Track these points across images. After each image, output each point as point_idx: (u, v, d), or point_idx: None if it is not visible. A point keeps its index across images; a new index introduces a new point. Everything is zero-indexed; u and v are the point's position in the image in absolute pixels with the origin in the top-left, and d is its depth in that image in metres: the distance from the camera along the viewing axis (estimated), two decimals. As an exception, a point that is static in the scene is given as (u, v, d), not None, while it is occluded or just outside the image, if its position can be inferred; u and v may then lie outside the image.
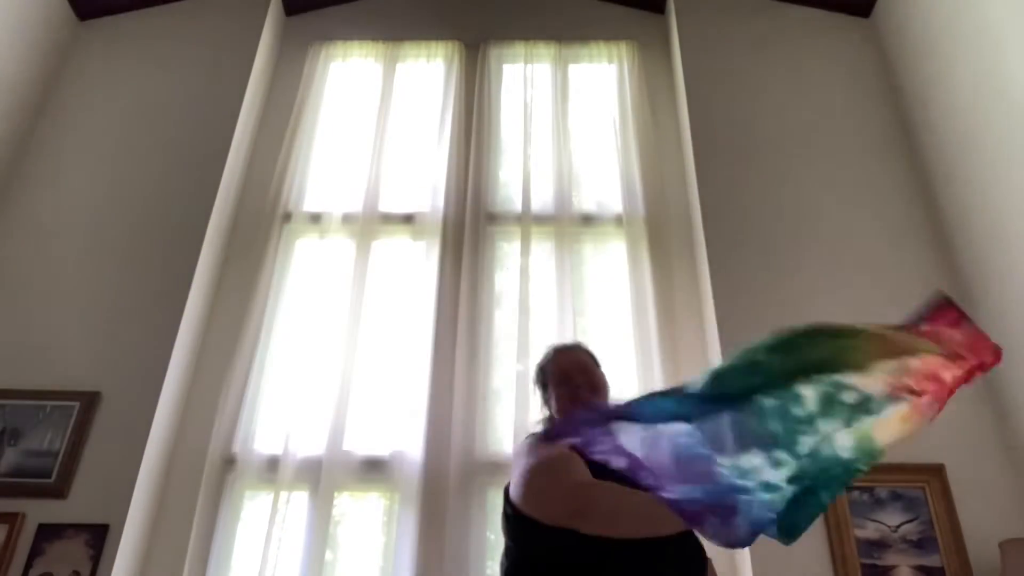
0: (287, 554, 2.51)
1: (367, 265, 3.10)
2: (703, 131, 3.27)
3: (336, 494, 2.66)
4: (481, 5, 3.89)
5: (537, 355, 1.83)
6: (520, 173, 3.33)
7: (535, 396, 1.82)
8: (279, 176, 3.31)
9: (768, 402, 1.06)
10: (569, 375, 1.74)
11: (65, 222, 3.06)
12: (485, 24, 3.80)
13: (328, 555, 2.55)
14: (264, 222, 3.19)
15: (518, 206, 3.24)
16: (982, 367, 1.25)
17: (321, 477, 2.63)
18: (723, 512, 1.01)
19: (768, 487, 1.02)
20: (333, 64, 3.73)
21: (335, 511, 2.66)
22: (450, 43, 3.71)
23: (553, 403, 1.75)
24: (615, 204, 3.26)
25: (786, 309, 2.81)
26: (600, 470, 1.16)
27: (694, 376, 1.11)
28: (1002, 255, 2.65)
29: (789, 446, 1.04)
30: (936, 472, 2.49)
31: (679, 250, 3.14)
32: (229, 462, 2.72)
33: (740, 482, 1.02)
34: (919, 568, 2.36)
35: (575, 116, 3.54)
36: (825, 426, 1.06)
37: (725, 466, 1.03)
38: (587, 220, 3.24)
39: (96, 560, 2.36)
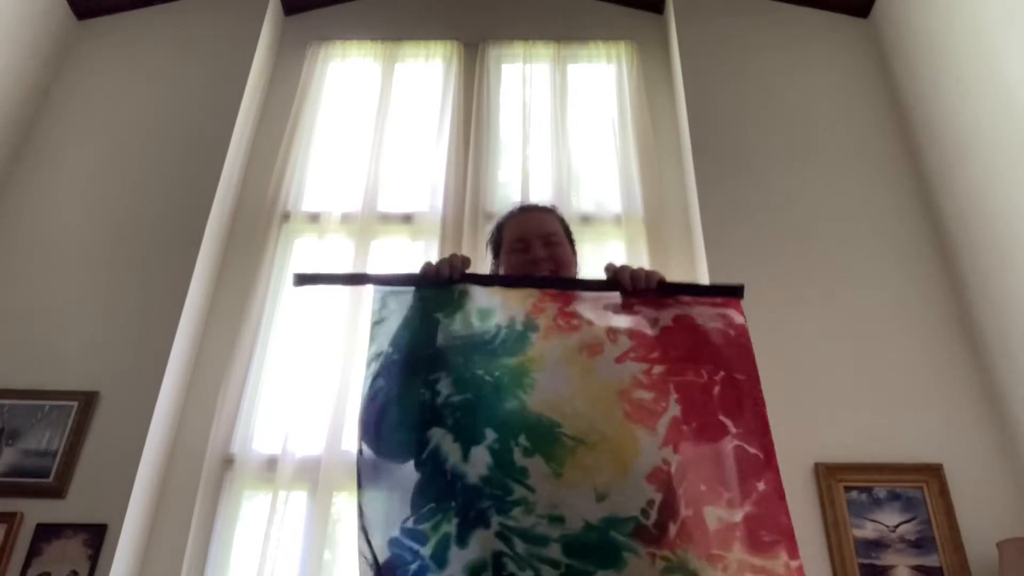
0: (286, 554, 2.51)
1: (366, 265, 3.09)
2: (702, 131, 3.27)
3: (335, 494, 2.65)
4: (480, 5, 3.89)
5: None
6: (519, 173, 3.33)
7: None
8: (278, 175, 3.31)
9: None
10: (528, 243, 1.47)
11: (63, 222, 3.05)
12: (484, 24, 3.80)
13: (327, 555, 2.55)
14: (263, 221, 3.19)
15: (517, 206, 3.24)
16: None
17: (320, 477, 2.63)
18: None
19: None
20: (332, 64, 3.72)
21: (334, 511, 2.66)
22: (449, 43, 3.71)
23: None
24: (614, 204, 3.26)
25: (784, 309, 2.82)
26: None
27: None
28: (1001, 254, 2.65)
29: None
30: (934, 472, 2.49)
31: (678, 250, 3.14)
32: (227, 462, 2.72)
33: None
34: (917, 568, 2.36)
35: (574, 116, 3.53)
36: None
37: None
38: (586, 220, 3.24)
39: (94, 560, 2.36)
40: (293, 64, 3.68)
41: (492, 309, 1.29)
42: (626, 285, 1.30)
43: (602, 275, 1.34)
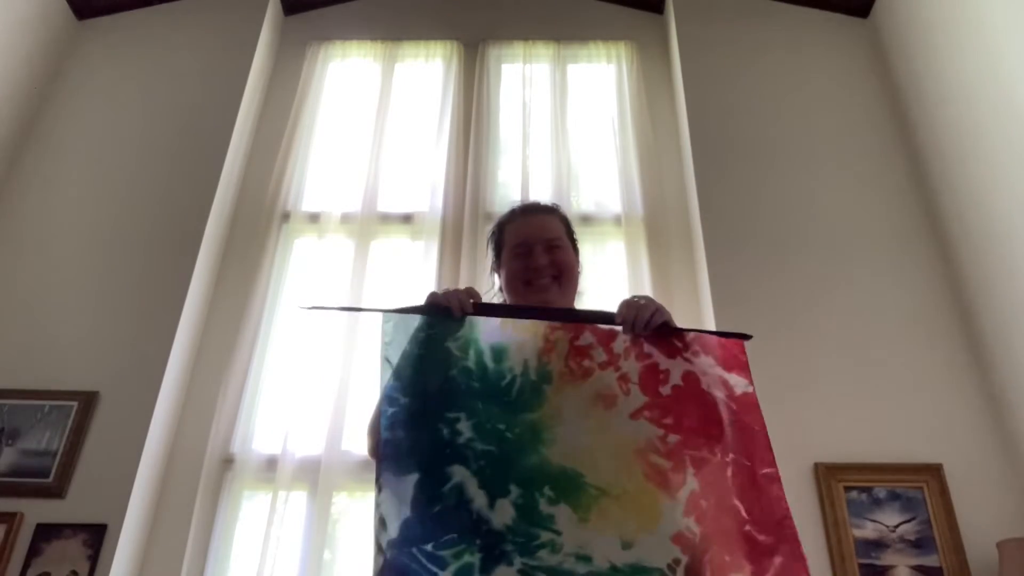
0: (285, 554, 2.51)
1: (365, 265, 3.10)
2: (701, 131, 3.27)
3: (335, 494, 2.65)
4: (480, 5, 3.89)
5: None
6: (519, 173, 3.33)
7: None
8: (278, 175, 3.31)
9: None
10: (530, 247, 1.46)
11: (63, 222, 3.05)
12: (484, 24, 3.80)
13: (327, 555, 2.55)
14: (263, 221, 3.19)
15: (517, 206, 3.25)
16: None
17: (319, 477, 2.63)
18: None
19: None
20: (332, 64, 3.73)
21: (333, 510, 2.66)
22: (449, 43, 3.71)
23: (503, 277, 1.50)
24: (614, 204, 3.26)
25: (784, 309, 2.82)
26: None
27: None
28: (1001, 254, 2.65)
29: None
30: (934, 472, 2.49)
31: (677, 250, 3.14)
32: (227, 462, 2.72)
33: None
34: (917, 568, 2.36)
35: (574, 116, 3.53)
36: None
37: None
38: (586, 220, 3.24)
39: (94, 560, 2.36)
40: (293, 64, 3.68)
41: (505, 348, 1.29)
42: (625, 325, 1.29)
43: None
